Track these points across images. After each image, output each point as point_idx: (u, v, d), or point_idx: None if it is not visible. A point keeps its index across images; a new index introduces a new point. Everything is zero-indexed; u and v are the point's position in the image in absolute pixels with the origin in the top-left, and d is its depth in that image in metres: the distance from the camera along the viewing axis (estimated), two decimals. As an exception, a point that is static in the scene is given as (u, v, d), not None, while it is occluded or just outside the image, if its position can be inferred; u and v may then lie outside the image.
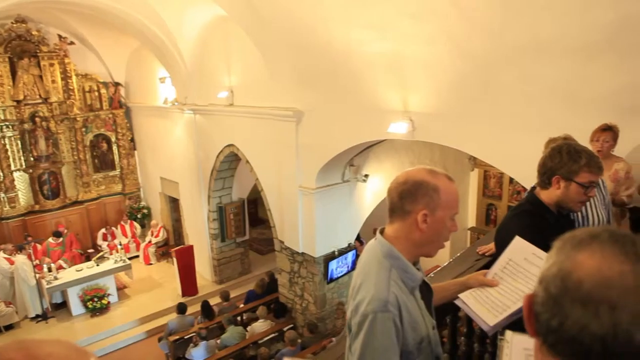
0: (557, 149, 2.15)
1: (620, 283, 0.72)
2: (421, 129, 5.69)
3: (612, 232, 0.78)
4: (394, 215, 1.57)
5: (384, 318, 1.42)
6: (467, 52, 4.93)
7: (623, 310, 0.71)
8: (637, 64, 3.97)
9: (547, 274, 0.79)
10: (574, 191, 2.10)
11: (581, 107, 4.31)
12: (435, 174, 1.54)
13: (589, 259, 0.75)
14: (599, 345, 0.72)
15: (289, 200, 8.19)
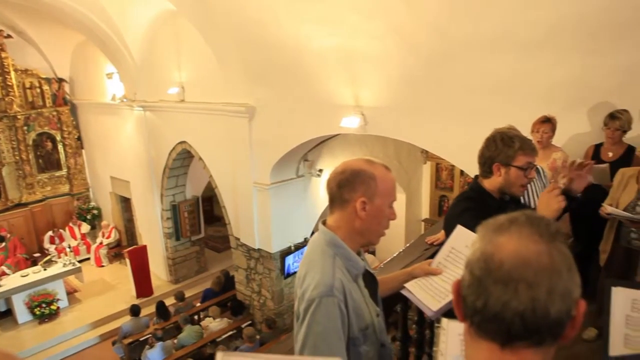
0: (492, 138, 2.25)
1: (536, 262, 0.78)
2: (373, 123, 5.77)
3: (529, 216, 0.84)
4: (334, 205, 1.60)
5: (329, 302, 1.45)
6: (415, 47, 5.04)
7: (539, 287, 0.76)
8: (571, 61, 4.19)
9: (472, 258, 0.84)
10: (514, 175, 2.19)
11: (523, 100, 4.49)
12: (372, 163, 1.59)
13: (508, 242, 0.80)
14: (519, 320, 0.77)
15: (244, 197, 8.13)
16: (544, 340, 0.79)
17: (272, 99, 7.10)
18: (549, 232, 0.81)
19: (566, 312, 0.79)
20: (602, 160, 3.87)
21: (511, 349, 0.80)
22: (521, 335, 0.79)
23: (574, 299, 0.80)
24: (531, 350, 0.79)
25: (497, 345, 0.81)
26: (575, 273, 0.81)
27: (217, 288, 9.54)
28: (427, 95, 5.20)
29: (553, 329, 0.79)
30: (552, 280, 0.77)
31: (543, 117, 3.94)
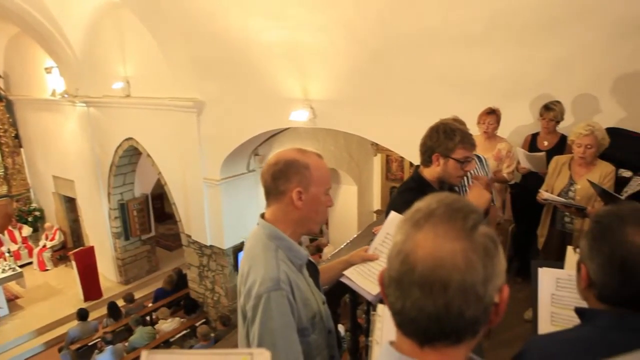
0: (435, 128, 2.30)
1: (451, 262, 0.75)
2: (322, 116, 5.80)
3: (448, 207, 0.81)
4: (270, 198, 1.59)
5: (277, 296, 1.43)
6: (361, 40, 5.09)
7: (454, 289, 0.74)
8: (507, 54, 4.35)
9: (391, 254, 0.82)
10: (451, 167, 2.26)
11: (466, 92, 4.63)
12: (305, 152, 1.59)
13: (424, 240, 0.77)
14: (434, 323, 0.76)
15: (194, 193, 7.98)
16: (463, 338, 0.79)
17: (220, 93, 6.98)
18: (465, 227, 0.78)
19: (484, 310, 0.77)
20: (538, 148, 4.06)
21: (431, 347, 0.79)
22: (438, 337, 0.78)
23: (496, 287, 0.79)
24: (451, 347, 0.79)
25: (417, 344, 0.80)
26: (497, 262, 0.79)
27: (169, 287, 9.34)
28: (375, 87, 5.27)
29: (470, 327, 0.78)
30: (467, 281, 0.75)
31: (488, 109, 4.08)
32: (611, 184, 3.29)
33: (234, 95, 6.81)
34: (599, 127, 3.31)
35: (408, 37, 4.80)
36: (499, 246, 0.81)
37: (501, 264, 0.81)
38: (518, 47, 4.30)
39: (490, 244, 0.79)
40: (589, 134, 3.25)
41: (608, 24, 3.80)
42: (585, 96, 4.16)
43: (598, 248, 1.15)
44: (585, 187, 3.30)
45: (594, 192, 3.19)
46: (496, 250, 0.80)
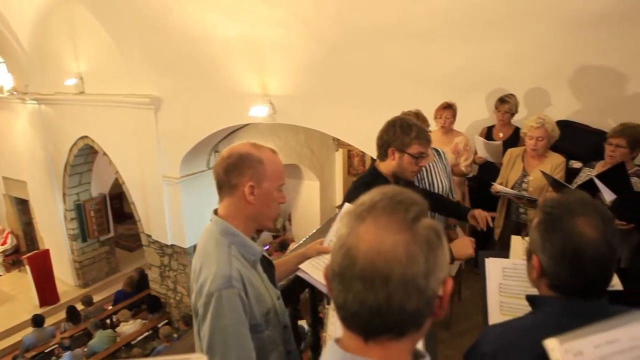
0: (392, 123, 2.32)
1: (392, 255, 0.74)
2: (282, 112, 5.76)
3: (390, 200, 0.80)
4: (223, 192, 1.56)
5: (229, 294, 1.41)
6: (320, 35, 5.08)
7: (395, 282, 0.73)
8: (465, 49, 4.43)
9: (335, 248, 0.81)
10: (406, 161, 2.29)
11: (426, 86, 4.68)
12: (259, 146, 1.57)
13: (366, 233, 0.76)
14: (376, 317, 0.75)
15: (153, 192, 7.80)
16: (406, 331, 0.78)
17: (178, 90, 6.83)
18: (406, 219, 0.77)
19: (426, 302, 0.77)
20: (494, 140, 4.14)
21: (374, 341, 0.78)
22: (381, 331, 0.77)
23: (441, 281, 0.79)
24: (394, 341, 0.78)
25: (361, 338, 0.79)
26: (440, 255, 0.78)
27: (129, 289, 9.11)
28: (334, 82, 5.27)
29: (412, 320, 0.78)
30: (407, 273, 0.74)
31: (444, 104, 4.13)
32: (562, 175, 3.39)
33: (192, 92, 6.68)
34: (550, 120, 3.41)
35: (366, 32, 4.81)
36: (442, 239, 0.80)
37: (444, 256, 0.80)
38: (473, 43, 4.38)
39: (433, 236, 0.78)
40: (539, 127, 3.34)
41: (559, 19, 3.92)
42: (538, 90, 4.28)
43: (550, 240, 1.17)
44: (537, 178, 3.39)
45: (546, 183, 3.28)
46: (439, 242, 0.79)
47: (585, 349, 0.93)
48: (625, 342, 0.96)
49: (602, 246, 1.12)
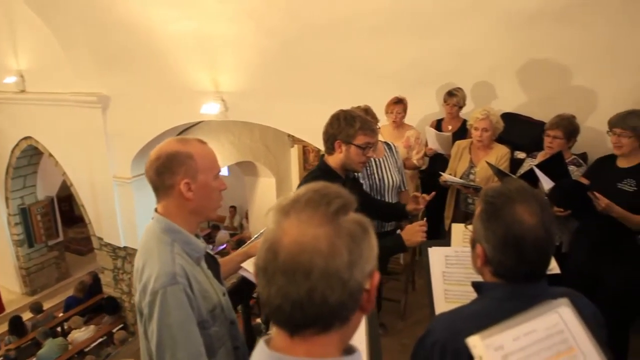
0: (336, 116, 2.33)
1: (313, 247, 0.74)
2: (234, 108, 5.69)
3: (314, 194, 0.80)
4: (159, 193, 1.55)
5: (174, 291, 1.40)
6: (270, 30, 5.04)
7: (316, 274, 0.73)
8: (414, 45, 4.50)
9: (261, 243, 0.80)
10: (353, 153, 2.31)
11: (377, 80, 4.72)
12: (186, 141, 1.54)
13: (289, 227, 0.76)
14: (298, 310, 0.74)
15: (104, 193, 7.54)
16: (331, 325, 0.77)
17: (127, 87, 6.62)
18: (328, 212, 0.77)
19: (350, 295, 0.76)
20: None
21: (301, 337, 0.78)
22: (305, 324, 0.76)
23: (367, 274, 0.79)
24: (321, 336, 0.78)
25: (288, 334, 0.79)
26: (365, 248, 0.79)
27: (81, 294, 8.77)
28: (286, 78, 5.25)
29: (337, 313, 0.77)
30: (329, 266, 0.74)
31: (395, 99, 4.18)
32: (507, 165, 3.51)
33: (141, 89, 6.49)
34: (494, 112, 3.51)
35: (317, 27, 4.82)
36: (368, 232, 0.81)
37: (371, 249, 0.80)
38: (422, 38, 4.46)
39: (357, 229, 0.78)
40: (484, 118, 3.43)
41: (504, 15, 4.04)
42: (484, 83, 4.41)
43: (492, 229, 1.21)
44: (484, 168, 3.49)
45: (492, 173, 3.38)
46: (365, 235, 0.79)
47: (505, 343, 0.98)
48: (542, 332, 1.02)
49: (541, 232, 1.16)
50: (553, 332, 1.04)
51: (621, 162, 2.75)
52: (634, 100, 3.54)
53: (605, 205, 2.57)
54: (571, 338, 1.04)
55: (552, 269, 2.08)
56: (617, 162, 2.77)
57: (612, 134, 2.71)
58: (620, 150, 2.69)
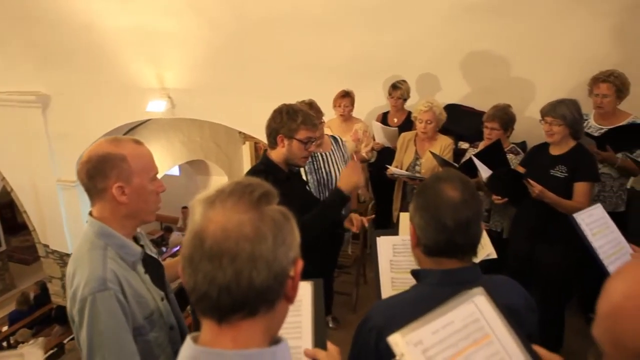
0: (278, 110, 2.33)
1: (238, 232, 0.76)
2: (181, 106, 5.57)
3: (237, 185, 0.83)
4: (92, 197, 1.49)
5: (104, 297, 1.36)
6: (215, 25, 4.97)
7: (242, 258, 0.75)
8: (360, 39, 4.56)
9: (186, 235, 0.81)
10: (296, 147, 2.32)
11: (324, 74, 4.72)
12: (119, 141, 1.48)
13: (214, 215, 0.78)
14: (225, 294, 0.75)
15: (48, 198, 7.21)
16: (257, 310, 0.79)
17: (68, 85, 6.34)
18: (252, 199, 0.80)
19: (275, 277, 0.78)
20: (389, 126, 4.29)
21: (228, 323, 0.79)
22: (232, 309, 0.77)
23: (291, 260, 0.81)
24: (248, 321, 0.79)
25: (215, 322, 0.79)
26: (289, 234, 0.81)
27: (25, 307, 8.34)
28: (233, 74, 5.18)
29: (263, 296, 0.78)
30: (255, 249, 0.76)
31: (342, 92, 4.20)
32: (450, 155, 3.60)
33: (83, 87, 6.24)
34: (437, 104, 3.59)
35: (263, 22, 4.78)
36: (291, 220, 0.83)
37: (294, 236, 0.83)
38: (368, 31, 4.52)
39: (280, 216, 0.81)
40: (428, 110, 3.50)
41: (444, 7, 4.14)
42: (428, 75, 4.50)
43: (419, 204, 1.28)
44: (429, 159, 3.56)
45: (437, 164, 3.45)
46: (287, 222, 0.82)
47: (424, 337, 1.01)
48: (459, 323, 1.05)
49: (460, 204, 1.23)
50: (469, 321, 1.07)
51: (553, 149, 2.87)
52: (568, 89, 3.71)
53: (538, 191, 2.68)
54: (487, 325, 1.08)
55: (490, 254, 2.16)
56: (550, 150, 2.89)
57: (544, 123, 2.82)
58: (552, 138, 2.81)
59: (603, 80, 3.12)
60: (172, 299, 1.68)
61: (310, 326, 1.28)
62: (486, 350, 1.05)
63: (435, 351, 1.00)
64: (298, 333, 1.27)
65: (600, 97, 3.14)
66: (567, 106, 2.75)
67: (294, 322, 1.28)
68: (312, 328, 1.27)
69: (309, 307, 1.32)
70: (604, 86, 3.10)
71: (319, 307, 1.31)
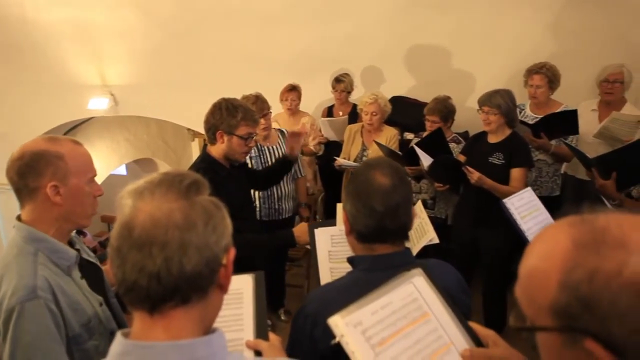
0: (217, 106, 2.28)
1: (168, 220, 0.76)
2: (124, 103, 5.40)
3: (166, 175, 0.83)
4: (22, 197, 1.39)
5: (33, 306, 1.27)
6: (158, 19, 4.86)
7: (172, 245, 0.75)
8: (307, 32, 4.55)
9: (114, 228, 0.80)
10: (235, 143, 2.28)
11: (271, 69, 4.68)
12: (56, 140, 1.41)
13: (143, 205, 0.77)
14: (155, 282, 0.75)
15: (-17, 203, 6.84)
16: (189, 297, 0.78)
17: (4, 83, 6.00)
18: (181, 188, 0.80)
19: (206, 264, 0.78)
20: (336, 119, 4.33)
21: (160, 313, 0.77)
22: (163, 297, 0.76)
23: (222, 248, 0.81)
24: (180, 309, 0.78)
25: (146, 313, 0.78)
26: (219, 222, 0.81)
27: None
28: (178, 69, 5.07)
29: (194, 283, 0.78)
30: (185, 236, 0.76)
31: (289, 86, 4.18)
32: (396, 146, 3.68)
33: (21, 84, 5.90)
34: (382, 96, 3.66)
35: (208, 15, 4.71)
36: (222, 209, 0.84)
37: (225, 225, 0.83)
38: (314, 26, 4.53)
39: (210, 205, 0.82)
40: (373, 102, 3.56)
41: (388, 1, 4.21)
42: (373, 68, 4.57)
43: (350, 191, 1.30)
44: (375, 150, 3.62)
45: (383, 155, 3.52)
46: (218, 211, 0.83)
47: (363, 318, 1.03)
48: (398, 303, 1.09)
49: (390, 189, 1.25)
50: (408, 301, 1.10)
51: (491, 138, 2.99)
52: (505, 80, 3.85)
53: (477, 178, 2.78)
54: (425, 304, 1.12)
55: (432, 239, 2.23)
56: (488, 138, 3.01)
57: (481, 112, 2.93)
58: (489, 127, 2.92)
59: (536, 72, 3.28)
60: (113, 303, 1.62)
61: (251, 318, 1.28)
62: (424, 328, 1.08)
63: (374, 331, 1.02)
64: (240, 326, 1.27)
65: (534, 87, 3.29)
66: (502, 96, 2.88)
67: (235, 315, 1.29)
68: (254, 320, 1.27)
69: (250, 299, 1.32)
70: (537, 77, 3.26)
71: (260, 299, 1.32)
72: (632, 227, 0.62)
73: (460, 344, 1.08)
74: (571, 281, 0.61)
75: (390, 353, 1.01)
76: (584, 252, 0.62)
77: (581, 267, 0.61)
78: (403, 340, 1.04)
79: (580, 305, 0.60)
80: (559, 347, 0.65)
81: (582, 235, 0.63)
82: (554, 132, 3.24)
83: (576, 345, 0.62)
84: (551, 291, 0.63)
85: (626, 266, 0.58)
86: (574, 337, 0.62)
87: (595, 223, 0.64)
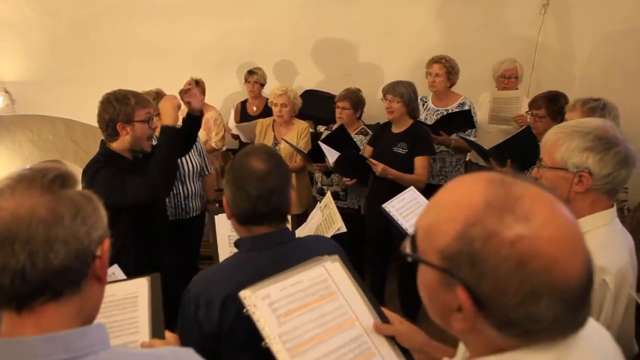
0: (106, 100, 2.18)
1: (31, 216, 0.73)
2: (22, 100, 5.03)
3: (26, 171, 0.80)
4: None
5: None
6: (56, 12, 4.58)
7: (36, 240, 0.73)
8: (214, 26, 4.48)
9: None
10: (139, 129, 2.19)
11: (175, 63, 4.52)
12: None
13: (4, 203, 0.75)
14: (19, 279, 0.72)
15: None
16: (61, 292, 0.76)
17: None
18: (44, 182, 0.77)
19: (76, 257, 0.76)
20: (249, 114, 4.27)
21: (29, 311, 0.75)
22: (30, 295, 0.74)
23: (95, 240, 0.80)
24: (51, 305, 0.76)
25: (14, 312, 0.75)
26: (90, 215, 0.80)
27: None
28: (79, 64, 4.78)
29: (64, 277, 0.76)
30: (51, 231, 0.74)
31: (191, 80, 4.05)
32: (308, 139, 3.69)
33: None
34: (292, 89, 3.66)
35: (109, 8, 4.50)
36: (94, 201, 0.83)
37: (98, 216, 0.82)
38: (221, 19, 4.47)
39: (79, 197, 0.80)
40: (282, 94, 3.55)
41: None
42: (285, 62, 4.58)
43: (229, 177, 1.34)
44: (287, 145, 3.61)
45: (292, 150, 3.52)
46: (89, 203, 0.81)
47: (272, 293, 1.12)
48: (307, 282, 1.19)
49: (265, 174, 1.31)
50: (317, 281, 1.20)
51: (395, 128, 3.08)
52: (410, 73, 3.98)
53: (381, 169, 2.86)
54: (334, 285, 1.21)
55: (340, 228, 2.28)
56: (392, 129, 3.10)
57: (385, 100, 3.02)
58: (391, 115, 3.02)
59: (436, 61, 3.43)
60: None
61: (147, 321, 1.30)
62: (330, 304, 1.17)
63: (280, 304, 1.11)
64: (135, 329, 1.29)
65: (433, 75, 3.45)
66: (405, 86, 2.98)
67: (130, 319, 1.31)
68: (150, 323, 1.30)
69: (146, 302, 1.35)
70: (436, 66, 3.42)
71: (156, 300, 1.35)
72: (544, 205, 0.65)
73: (367, 321, 1.17)
74: (468, 235, 0.65)
75: (294, 323, 1.09)
76: (490, 212, 0.65)
77: (482, 226, 0.64)
78: (308, 313, 1.12)
79: (467, 258, 0.64)
80: (435, 283, 0.71)
81: (495, 197, 0.66)
82: (453, 129, 3.40)
83: (449, 288, 0.68)
84: (448, 237, 0.67)
85: (520, 241, 0.62)
86: (451, 281, 0.67)
87: (512, 189, 0.66)
